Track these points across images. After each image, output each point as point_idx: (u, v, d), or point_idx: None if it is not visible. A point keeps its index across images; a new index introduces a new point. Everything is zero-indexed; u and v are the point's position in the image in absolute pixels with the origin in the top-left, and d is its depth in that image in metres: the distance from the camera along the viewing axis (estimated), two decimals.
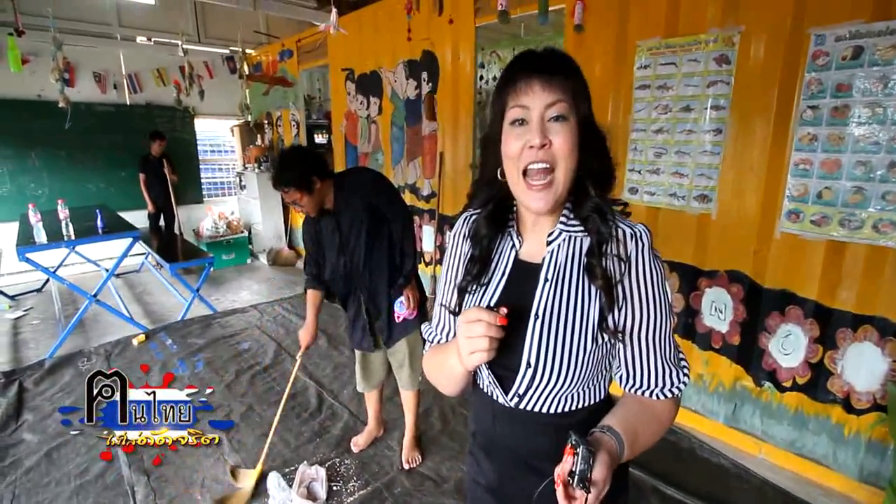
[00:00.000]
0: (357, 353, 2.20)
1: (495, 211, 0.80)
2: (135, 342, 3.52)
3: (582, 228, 0.74)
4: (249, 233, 5.73)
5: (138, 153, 4.94)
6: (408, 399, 2.20)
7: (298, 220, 5.68)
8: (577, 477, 0.62)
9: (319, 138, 6.00)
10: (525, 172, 0.71)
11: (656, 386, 0.76)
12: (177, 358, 3.31)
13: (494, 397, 0.80)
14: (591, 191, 0.73)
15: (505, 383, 0.77)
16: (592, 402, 0.79)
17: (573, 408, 0.77)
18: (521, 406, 0.77)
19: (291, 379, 2.28)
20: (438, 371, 0.85)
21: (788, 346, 2.05)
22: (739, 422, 2.26)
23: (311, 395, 2.83)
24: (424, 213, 3.82)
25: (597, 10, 2.51)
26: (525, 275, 0.77)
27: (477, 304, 0.79)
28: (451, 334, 0.89)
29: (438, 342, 0.91)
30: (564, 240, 0.75)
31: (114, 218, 4.20)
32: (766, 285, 2.09)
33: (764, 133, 2.05)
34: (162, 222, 5.17)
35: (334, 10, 2.72)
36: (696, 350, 2.37)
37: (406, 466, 2.18)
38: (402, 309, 1.99)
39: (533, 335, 0.73)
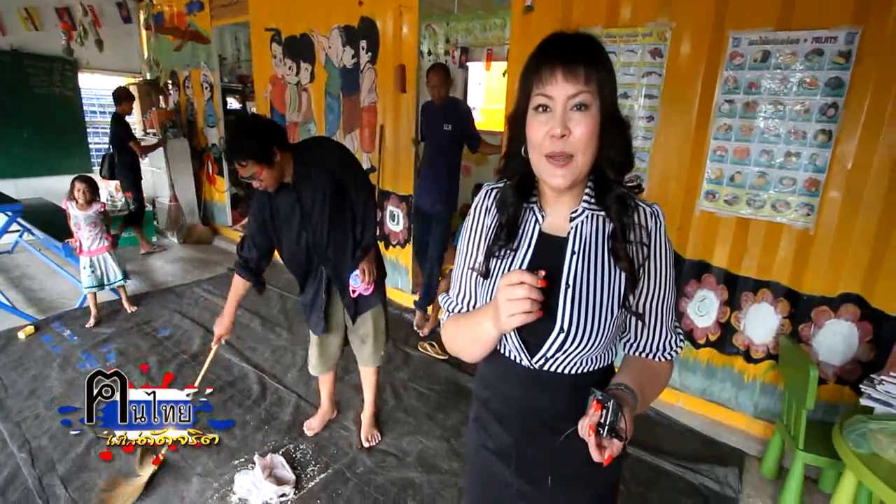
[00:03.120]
0: (314, 335, 2.11)
1: (521, 181, 0.83)
2: (21, 335, 3.02)
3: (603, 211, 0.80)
4: (153, 207, 5.10)
5: (5, 109, 4.10)
6: (368, 375, 2.18)
7: (214, 193, 5.19)
8: (607, 428, 0.68)
9: (234, 103, 5.49)
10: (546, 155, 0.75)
11: (658, 350, 0.86)
12: (80, 351, 2.90)
13: (517, 361, 0.84)
14: (612, 180, 0.78)
15: (530, 347, 0.82)
16: (605, 363, 0.86)
17: (590, 369, 0.84)
18: (545, 368, 0.83)
19: (205, 366, 2.14)
20: (465, 337, 0.88)
21: (703, 308, 2.38)
22: None
23: (252, 382, 2.67)
24: None
25: None
26: (549, 246, 0.81)
27: (508, 269, 0.82)
28: (474, 303, 0.91)
29: (459, 311, 0.93)
30: (587, 216, 0.80)
31: None
32: (687, 257, 2.38)
33: (688, 122, 2.29)
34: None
35: None
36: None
37: (366, 444, 2.17)
38: (357, 283, 1.93)
39: (565, 303, 0.77)
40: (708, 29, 2.17)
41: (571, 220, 0.80)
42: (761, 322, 2.22)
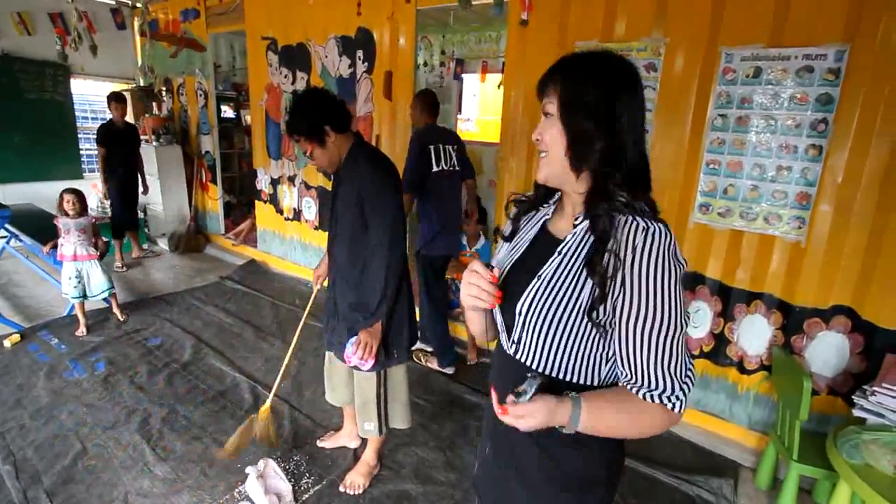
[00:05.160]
0: (327, 352, 2.02)
1: (537, 193, 0.93)
2: (7, 343, 2.96)
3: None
4: (145, 214, 5.04)
5: None
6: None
7: (207, 201, 5.15)
8: (518, 394, 0.76)
9: (228, 111, 5.48)
10: None
11: (643, 385, 0.77)
12: (68, 359, 2.85)
13: (504, 345, 0.90)
14: (608, 190, 0.78)
15: (508, 330, 0.88)
16: (583, 382, 0.82)
17: (561, 376, 0.82)
18: (518, 355, 0.86)
19: (308, 307, 2.20)
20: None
21: (698, 320, 2.40)
22: None
23: (244, 392, 2.63)
24: None
25: (539, 7, 2.62)
26: (547, 244, 0.86)
27: (506, 256, 0.93)
28: None
29: None
30: (585, 225, 0.81)
31: None
32: None
33: (682, 135, 2.33)
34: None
35: None
36: None
37: (341, 489, 1.96)
38: (349, 351, 1.68)
39: (530, 291, 0.82)
40: (701, 44, 2.21)
41: (575, 226, 0.83)
42: (755, 333, 2.25)
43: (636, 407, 0.78)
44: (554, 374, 0.83)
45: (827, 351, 2.08)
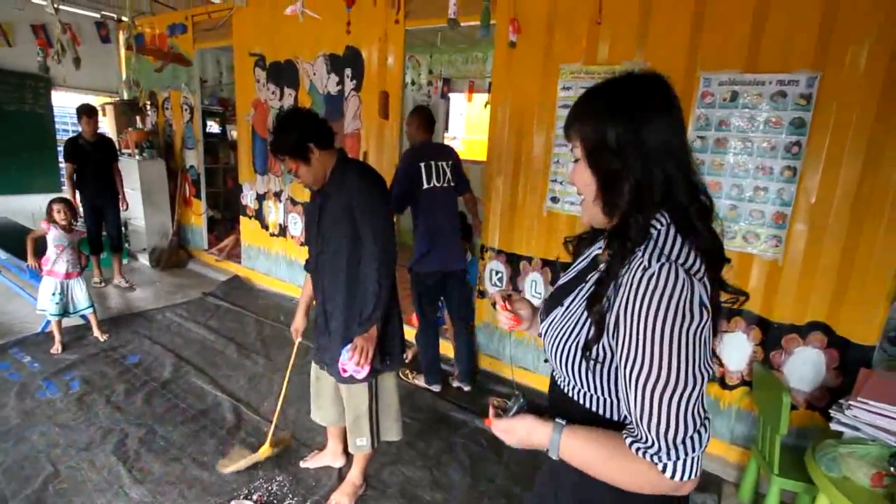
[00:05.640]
0: (312, 368, 2.00)
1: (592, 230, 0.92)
2: None
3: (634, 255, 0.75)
4: (126, 229, 4.94)
5: None
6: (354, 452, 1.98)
7: (191, 216, 5.08)
8: (502, 410, 0.84)
9: (213, 126, 5.45)
10: None
11: (635, 437, 0.71)
12: (41, 378, 2.75)
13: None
14: (625, 226, 0.73)
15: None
16: (598, 411, 0.80)
17: (576, 399, 0.82)
18: (553, 373, 0.89)
19: (291, 362, 2.17)
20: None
21: None
22: None
23: (226, 411, 2.57)
24: None
25: (525, 30, 2.69)
26: (587, 274, 0.86)
27: (558, 283, 0.94)
28: None
29: None
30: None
31: None
32: None
33: None
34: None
35: None
36: None
37: None
38: (345, 358, 1.69)
39: (556, 313, 0.85)
40: (680, 69, 2.29)
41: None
42: (735, 349, 2.29)
43: (622, 455, 0.71)
44: (572, 396, 0.82)
45: (804, 366, 2.13)
